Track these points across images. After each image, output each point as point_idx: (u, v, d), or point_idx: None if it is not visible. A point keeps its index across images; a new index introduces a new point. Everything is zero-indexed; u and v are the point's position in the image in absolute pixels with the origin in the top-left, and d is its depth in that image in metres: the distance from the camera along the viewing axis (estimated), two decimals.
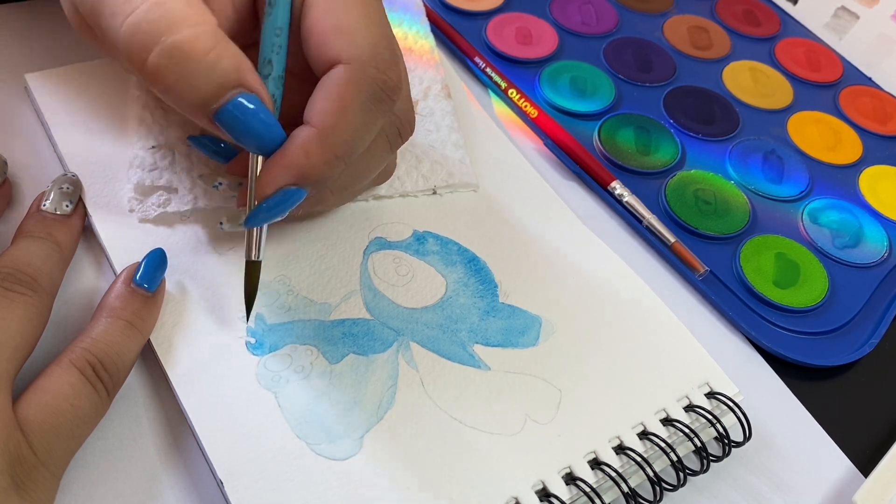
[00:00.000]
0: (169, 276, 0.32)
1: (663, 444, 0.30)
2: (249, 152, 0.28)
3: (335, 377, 0.30)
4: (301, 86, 0.29)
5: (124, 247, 0.32)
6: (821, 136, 0.47)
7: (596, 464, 0.29)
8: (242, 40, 0.28)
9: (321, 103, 0.27)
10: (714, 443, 0.31)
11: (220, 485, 0.27)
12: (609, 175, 0.40)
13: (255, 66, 0.27)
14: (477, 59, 0.45)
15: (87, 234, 0.33)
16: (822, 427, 0.34)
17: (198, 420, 0.28)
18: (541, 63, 0.47)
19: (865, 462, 0.33)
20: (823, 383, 0.36)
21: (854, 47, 0.53)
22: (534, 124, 0.43)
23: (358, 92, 0.27)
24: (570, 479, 0.29)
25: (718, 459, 0.31)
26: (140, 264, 0.30)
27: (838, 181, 0.44)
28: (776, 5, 0.56)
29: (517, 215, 0.37)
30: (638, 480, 0.29)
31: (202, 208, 0.34)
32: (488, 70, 0.45)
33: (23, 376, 0.27)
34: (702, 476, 0.31)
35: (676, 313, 0.34)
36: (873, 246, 0.41)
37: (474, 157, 0.39)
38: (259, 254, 0.29)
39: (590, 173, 0.41)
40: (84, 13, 0.27)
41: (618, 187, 0.40)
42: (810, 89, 0.50)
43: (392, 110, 0.29)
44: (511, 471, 0.28)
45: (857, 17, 0.52)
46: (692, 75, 0.49)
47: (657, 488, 0.29)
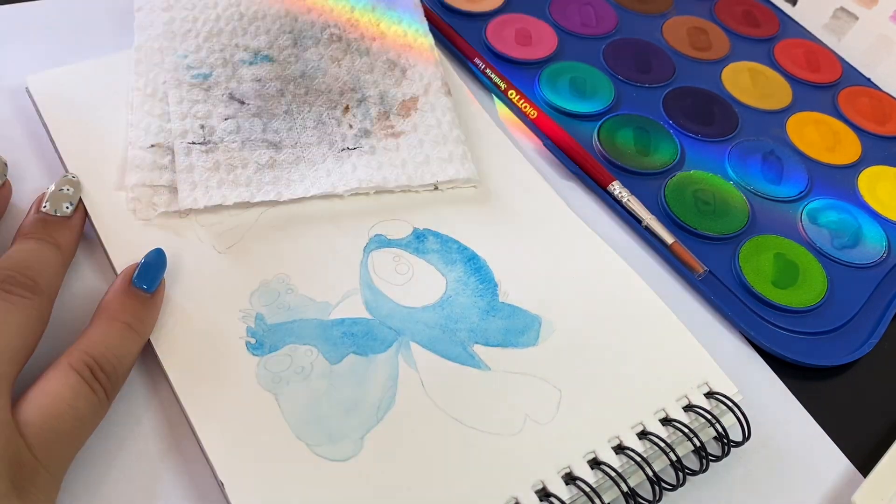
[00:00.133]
0: (169, 275, 0.32)
1: (663, 444, 0.30)
2: None
3: (335, 378, 0.30)
4: None
5: (125, 247, 0.32)
6: (820, 136, 0.47)
7: (596, 463, 0.29)
8: None
9: None
10: (713, 442, 0.32)
11: (220, 485, 0.27)
12: (608, 176, 0.40)
13: None
14: (477, 60, 0.45)
15: (87, 234, 0.34)
16: (821, 427, 0.34)
17: (198, 420, 0.28)
18: (540, 64, 0.47)
19: (864, 462, 0.33)
20: (822, 383, 0.36)
21: (853, 48, 0.53)
22: (533, 125, 0.43)
23: None
24: (570, 478, 0.29)
25: (718, 459, 0.31)
26: (138, 265, 0.30)
27: (837, 182, 0.44)
28: (775, 6, 0.56)
29: (517, 215, 0.37)
30: (637, 480, 0.29)
31: (202, 207, 0.34)
32: (488, 71, 0.45)
33: (22, 379, 0.26)
34: (701, 476, 0.31)
35: (676, 313, 0.34)
36: (872, 246, 0.41)
37: (474, 157, 0.39)
38: None
39: (589, 174, 0.41)
40: None
41: (617, 188, 0.40)
42: (809, 90, 0.50)
43: None
44: (511, 471, 0.28)
45: (856, 18, 0.53)
46: (691, 76, 0.49)
47: (657, 488, 0.29)
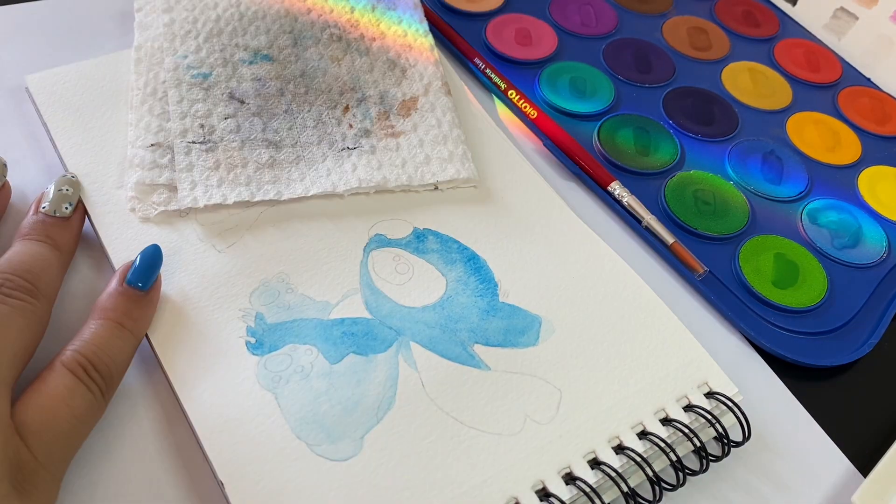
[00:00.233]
0: (169, 274, 0.32)
1: (663, 444, 0.30)
2: None
3: (335, 377, 0.30)
4: None
5: (125, 247, 0.32)
6: (820, 136, 0.47)
7: (596, 463, 0.29)
8: None
9: None
10: (713, 442, 0.31)
11: (220, 485, 0.27)
12: (609, 176, 0.40)
13: None
14: (476, 60, 0.45)
15: (86, 233, 0.34)
16: (822, 427, 0.34)
17: (198, 420, 0.28)
18: (540, 64, 0.47)
19: (864, 462, 0.33)
20: (823, 383, 0.36)
21: (853, 48, 0.53)
22: (533, 125, 0.43)
23: None
24: (570, 478, 0.29)
25: (718, 459, 0.31)
26: (133, 263, 0.30)
27: (837, 182, 0.44)
28: (775, 6, 0.56)
29: (517, 215, 0.37)
30: (637, 480, 0.29)
31: (202, 206, 0.34)
32: (488, 71, 0.45)
33: (19, 380, 0.26)
34: (701, 476, 0.31)
35: (676, 313, 0.34)
36: (872, 246, 0.41)
37: (474, 157, 0.39)
38: None
39: (589, 174, 0.41)
40: None
41: (617, 188, 0.40)
42: (809, 90, 0.50)
43: None
44: (511, 471, 0.28)
45: (856, 18, 0.53)
46: (691, 76, 0.49)
47: (657, 488, 0.29)
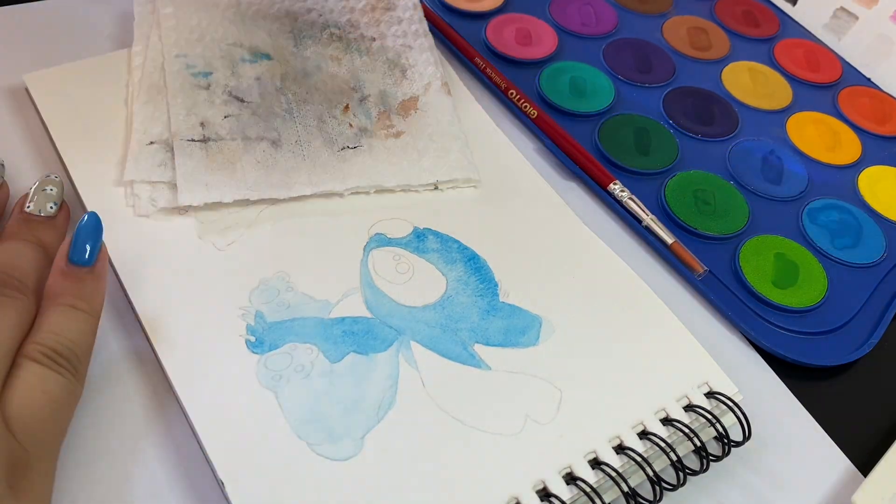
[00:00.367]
0: (169, 273, 0.32)
1: (663, 444, 0.30)
2: None
3: (336, 377, 0.30)
4: None
5: (125, 245, 0.32)
6: (820, 136, 0.47)
7: (596, 463, 0.29)
8: None
9: None
10: (714, 442, 0.31)
11: (220, 485, 0.27)
12: (608, 176, 0.40)
13: None
14: (477, 60, 0.45)
15: None
16: (822, 427, 0.34)
17: (198, 420, 0.28)
18: (540, 64, 0.47)
19: (864, 461, 0.33)
20: (822, 383, 0.36)
21: (853, 48, 0.53)
22: (534, 125, 0.43)
23: None
24: (571, 478, 0.29)
25: (718, 459, 0.31)
26: (72, 240, 0.28)
27: (837, 181, 0.44)
28: (775, 6, 0.56)
29: (517, 215, 0.37)
30: (638, 480, 0.29)
31: (202, 204, 0.34)
32: (488, 71, 0.45)
33: None
34: (702, 476, 0.31)
35: (676, 313, 0.34)
36: (872, 246, 0.41)
37: (474, 157, 0.39)
38: None
39: (589, 174, 0.41)
40: None
41: (617, 188, 0.40)
42: (809, 90, 0.50)
43: None
44: (511, 471, 0.28)
45: (856, 18, 0.53)
46: (691, 76, 0.49)
47: (657, 488, 0.29)
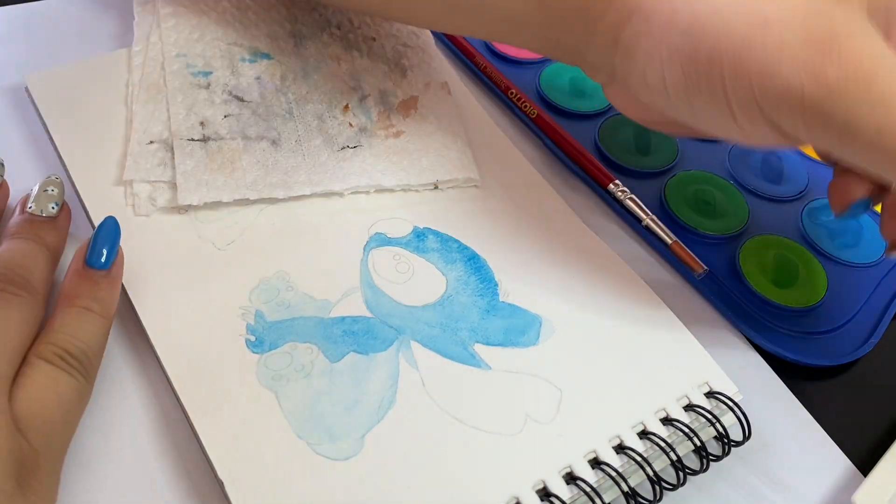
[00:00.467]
0: (169, 273, 0.32)
1: (663, 444, 0.30)
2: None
3: (336, 376, 0.30)
4: None
5: (124, 245, 0.32)
6: None
7: (596, 463, 0.29)
8: None
9: None
10: (714, 442, 0.31)
11: (220, 485, 0.27)
12: (608, 175, 0.40)
13: None
14: (477, 60, 0.45)
15: (85, 231, 0.33)
16: (822, 426, 0.34)
17: (197, 419, 0.28)
18: (540, 63, 0.47)
19: (865, 461, 0.33)
20: (822, 383, 0.36)
21: None
22: (534, 125, 0.43)
23: None
24: (571, 478, 0.29)
25: (718, 459, 0.31)
26: (90, 243, 0.29)
27: None
28: None
29: (517, 214, 0.37)
30: (638, 480, 0.29)
31: (202, 204, 0.34)
32: (488, 70, 0.45)
33: None
34: (701, 475, 0.31)
35: (676, 313, 0.34)
36: (872, 246, 0.41)
37: (474, 157, 0.39)
38: None
39: (589, 173, 0.41)
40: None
41: (617, 188, 0.40)
42: None
43: None
44: (511, 470, 0.28)
45: None
46: None
47: (657, 488, 0.29)
